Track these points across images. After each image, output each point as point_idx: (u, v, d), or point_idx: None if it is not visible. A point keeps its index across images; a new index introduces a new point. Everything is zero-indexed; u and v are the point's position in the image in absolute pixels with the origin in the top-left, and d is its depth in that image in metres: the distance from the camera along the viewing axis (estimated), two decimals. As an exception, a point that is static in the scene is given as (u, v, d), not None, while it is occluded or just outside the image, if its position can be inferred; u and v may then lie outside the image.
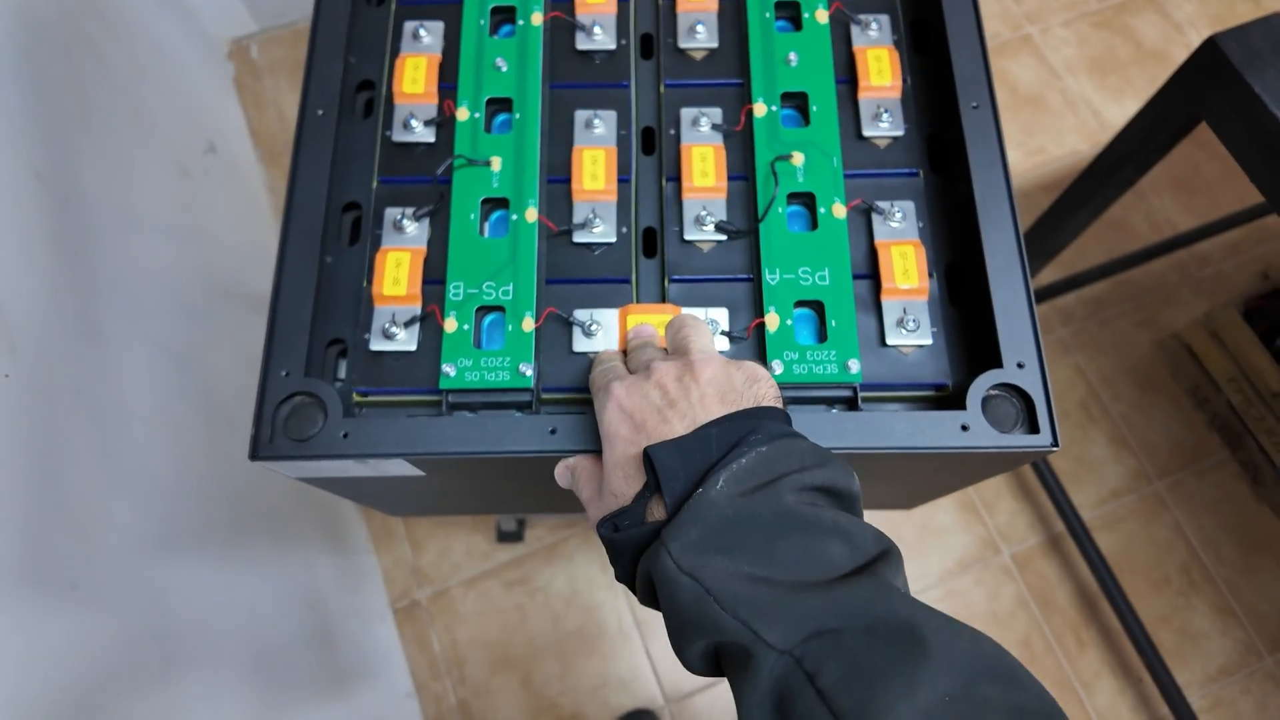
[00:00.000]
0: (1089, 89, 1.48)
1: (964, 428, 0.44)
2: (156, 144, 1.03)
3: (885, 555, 0.35)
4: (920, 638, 0.31)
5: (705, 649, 0.34)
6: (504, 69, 0.54)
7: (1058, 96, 1.47)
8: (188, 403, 0.90)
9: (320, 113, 0.50)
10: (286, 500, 1.06)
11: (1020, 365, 0.45)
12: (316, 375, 0.46)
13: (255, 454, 0.43)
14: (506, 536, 1.25)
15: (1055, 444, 0.43)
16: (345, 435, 0.43)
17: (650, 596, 0.38)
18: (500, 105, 0.55)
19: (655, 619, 1.19)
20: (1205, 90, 0.74)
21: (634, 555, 0.37)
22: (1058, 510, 1.20)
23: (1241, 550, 1.22)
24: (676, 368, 0.41)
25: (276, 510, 1.03)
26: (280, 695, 0.87)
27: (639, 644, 1.20)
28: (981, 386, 0.44)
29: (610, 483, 0.40)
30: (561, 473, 0.45)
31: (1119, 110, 1.46)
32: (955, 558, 1.24)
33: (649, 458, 0.37)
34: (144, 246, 0.90)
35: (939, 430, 0.43)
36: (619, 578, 0.39)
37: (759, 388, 0.40)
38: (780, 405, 0.41)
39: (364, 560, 1.25)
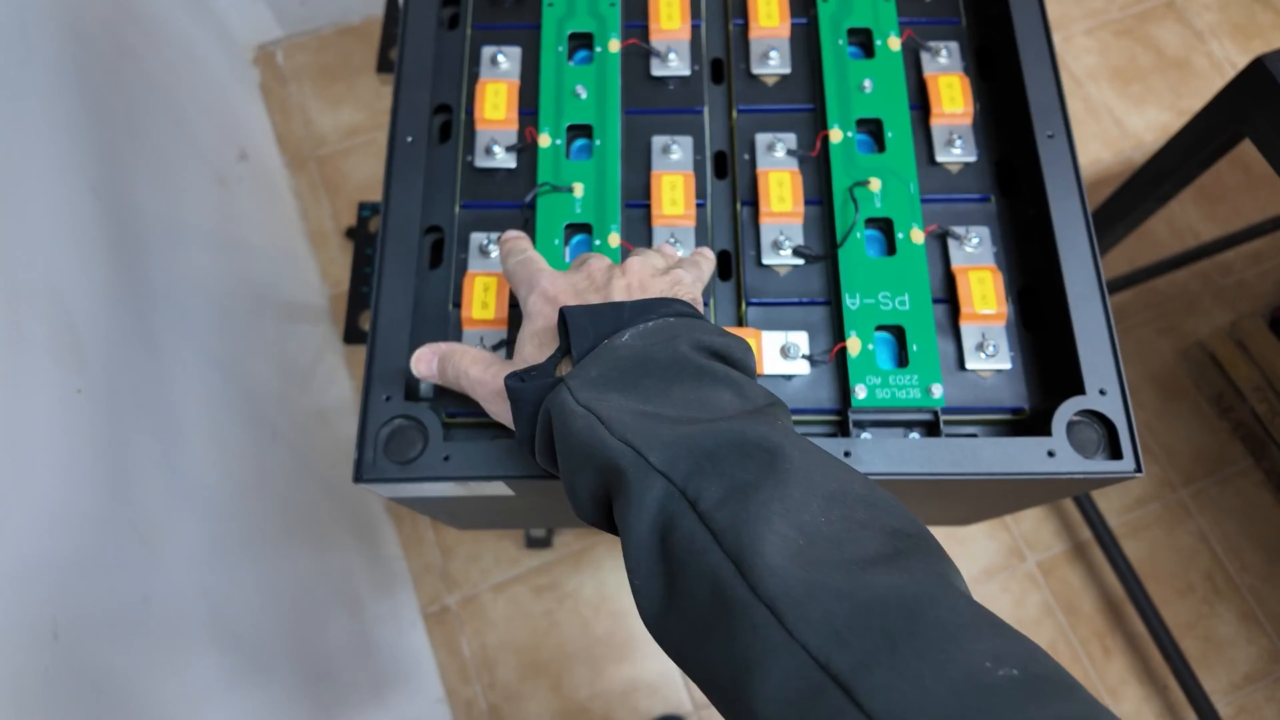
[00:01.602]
0: (1111, 97, 1.49)
1: (1050, 454, 0.44)
2: (195, 153, 1.04)
3: (774, 404, 0.37)
4: (784, 455, 0.32)
5: (595, 483, 0.35)
6: (583, 96, 0.55)
7: (1080, 104, 1.48)
8: (233, 413, 0.90)
9: (410, 140, 0.51)
10: (325, 507, 1.07)
11: (1102, 392, 0.46)
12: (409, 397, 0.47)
13: (359, 477, 0.44)
14: (535, 542, 1.26)
15: (1139, 469, 0.44)
16: (447, 458, 0.44)
17: (547, 446, 0.38)
18: (579, 131, 0.55)
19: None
20: (1250, 109, 0.75)
21: (536, 406, 0.38)
22: (1084, 518, 1.21)
23: (1265, 558, 1.23)
24: (608, 263, 0.44)
25: (317, 517, 1.04)
26: (329, 705, 0.88)
27: (669, 650, 1.21)
28: (1066, 413, 0.45)
29: (523, 352, 0.42)
30: (427, 357, 0.45)
31: (1141, 119, 1.47)
32: (981, 565, 1.25)
33: (563, 317, 0.39)
34: (189, 257, 0.91)
35: (1026, 456, 0.44)
36: (520, 438, 0.39)
37: (679, 290, 0.42)
38: (699, 311, 0.42)
39: (395, 565, 1.26)
